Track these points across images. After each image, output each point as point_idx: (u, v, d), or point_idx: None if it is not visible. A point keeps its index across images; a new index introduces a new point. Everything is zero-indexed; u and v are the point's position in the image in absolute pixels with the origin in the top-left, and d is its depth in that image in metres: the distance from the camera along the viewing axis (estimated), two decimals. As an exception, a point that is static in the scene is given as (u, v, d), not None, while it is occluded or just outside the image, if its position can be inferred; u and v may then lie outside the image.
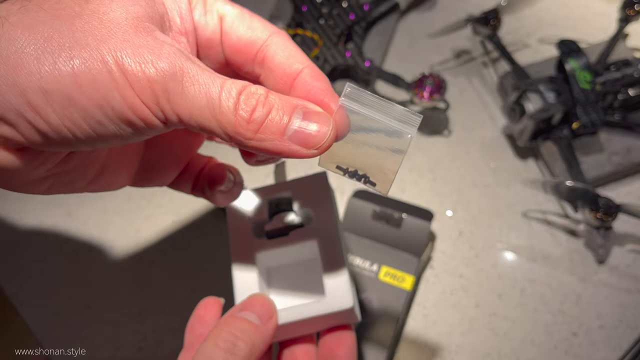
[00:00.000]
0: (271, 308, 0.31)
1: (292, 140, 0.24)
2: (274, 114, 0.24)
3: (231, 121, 0.23)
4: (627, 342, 0.44)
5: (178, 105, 0.23)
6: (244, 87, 0.24)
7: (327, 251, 0.34)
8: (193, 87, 0.23)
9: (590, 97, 0.47)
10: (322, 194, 0.36)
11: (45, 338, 0.45)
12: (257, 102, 0.24)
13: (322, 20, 0.56)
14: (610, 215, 0.44)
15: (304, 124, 0.24)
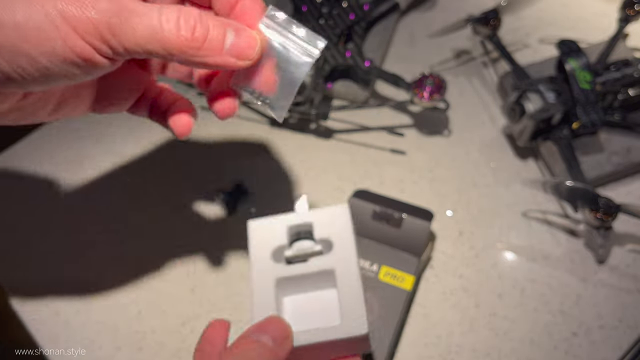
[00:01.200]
0: (286, 331, 0.32)
1: (228, 54, 0.29)
2: (212, 31, 0.28)
3: (175, 42, 0.27)
4: (627, 342, 0.44)
5: (124, 37, 0.26)
6: (180, 11, 0.27)
7: (345, 279, 0.35)
8: (135, 19, 0.26)
9: (590, 97, 0.47)
10: (342, 225, 0.37)
11: (45, 338, 0.45)
12: (195, 22, 0.27)
13: (322, 20, 0.56)
14: (610, 215, 0.44)
15: (237, 40, 0.29)
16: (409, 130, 0.55)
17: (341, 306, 0.34)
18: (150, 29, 0.26)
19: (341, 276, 0.35)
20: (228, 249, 0.49)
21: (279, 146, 0.54)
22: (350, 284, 0.35)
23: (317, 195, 0.51)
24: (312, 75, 0.50)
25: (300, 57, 0.31)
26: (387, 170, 0.52)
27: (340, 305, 0.34)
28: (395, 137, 0.54)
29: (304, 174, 0.52)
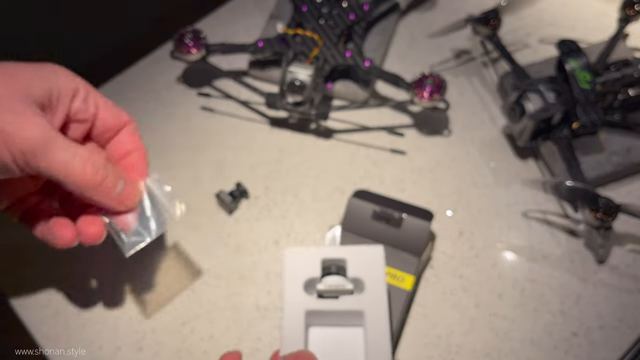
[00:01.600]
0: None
1: (116, 199, 0.37)
2: (109, 178, 0.36)
3: (78, 179, 0.35)
4: (627, 342, 0.44)
5: (42, 161, 0.33)
6: (91, 155, 0.35)
7: (373, 323, 0.36)
8: (56, 150, 0.33)
9: (590, 97, 0.47)
10: (375, 266, 0.38)
11: (45, 338, 0.45)
12: (99, 169, 0.35)
13: (322, 20, 0.56)
14: (610, 215, 0.44)
15: (125, 189, 0.37)
16: (409, 130, 0.55)
17: (367, 350, 0.35)
18: (64, 163, 0.34)
19: (370, 319, 0.36)
20: (228, 249, 0.49)
21: (279, 146, 0.54)
22: (378, 329, 0.35)
23: (317, 195, 0.51)
24: (312, 75, 0.50)
25: (162, 215, 0.40)
26: (387, 170, 0.52)
27: (366, 348, 0.35)
28: (395, 137, 0.54)
29: (304, 174, 0.52)
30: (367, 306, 0.36)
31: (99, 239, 0.39)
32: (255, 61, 0.58)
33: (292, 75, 0.50)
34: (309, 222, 0.50)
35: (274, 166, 0.53)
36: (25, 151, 0.33)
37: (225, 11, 0.64)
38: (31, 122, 0.33)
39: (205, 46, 0.54)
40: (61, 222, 0.39)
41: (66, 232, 0.39)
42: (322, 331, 0.37)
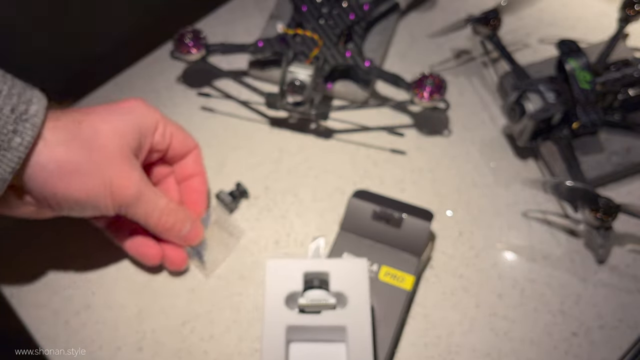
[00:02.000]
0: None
1: (181, 238, 0.45)
2: (178, 224, 0.44)
3: (153, 224, 0.43)
4: (627, 342, 0.44)
5: (131, 211, 0.42)
6: (166, 206, 0.43)
7: (355, 339, 0.35)
8: (143, 204, 0.42)
9: (590, 97, 0.47)
10: (359, 281, 0.37)
11: (45, 338, 0.45)
12: (174, 219, 0.44)
13: (322, 20, 0.56)
14: (610, 215, 0.44)
15: (190, 231, 0.45)
16: (409, 130, 0.55)
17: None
18: (146, 213, 0.42)
19: (352, 334, 0.35)
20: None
21: (279, 146, 0.54)
22: (360, 345, 0.34)
23: (317, 195, 0.51)
24: (312, 75, 0.50)
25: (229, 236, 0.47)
26: (387, 170, 0.52)
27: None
28: (395, 137, 0.54)
29: (304, 174, 0.52)
30: (349, 321, 0.36)
31: (182, 265, 0.46)
32: (255, 61, 0.58)
33: (292, 75, 0.50)
34: (309, 222, 0.50)
35: (274, 166, 0.53)
36: (123, 203, 0.41)
37: (225, 11, 0.64)
38: (132, 178, 0.41)
39: (205, 46, 0.54)
40: (147, 242, 0.45)
41: (152, 251, 0.45)
42: (303, 347, 0.36)
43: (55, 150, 0.38)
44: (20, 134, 0.36)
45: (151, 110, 0.44)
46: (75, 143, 0.39)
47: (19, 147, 0.36)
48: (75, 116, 0.40)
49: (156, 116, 0.44)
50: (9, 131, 0.35)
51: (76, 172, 0.38)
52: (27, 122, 0.36)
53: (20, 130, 0.36)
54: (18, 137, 0.36)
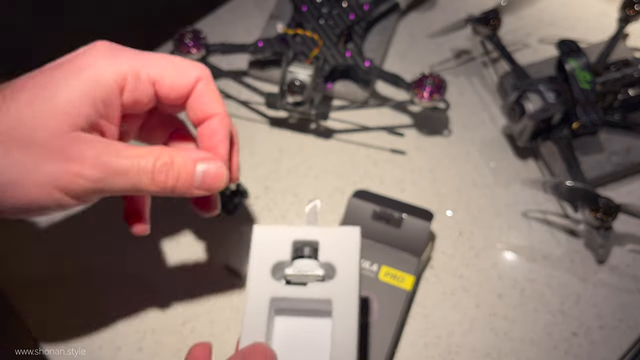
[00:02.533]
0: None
1: (198, 188, 0.35)
2: (182, 175, 0.34)
3: (152, 190, 0.33)
4: (627, 342, 0.44)
5: (108, 190, 0.32)
6: (154, 163, 0.33)
7: (341, 315, 0.33)
8: (118, 178, 0.32)
9: (590, 97, 0.47)
10: (350, 250, 0.35)
11: (45, 338, 0.45)
12: (166, 177, 0.33)
13: (322, 20, 0.56)
14: (610, 215, 0.44)
15: (206, 175, 0.34)
16: (409, 130, 0.55)
17: (333, 344, 0.32)
18: (130, 184, 0.33)
19: (338, 309, 0.33)
20: (228, 249, 0.49)
21: (279, 146, 0.54)
22: (345, 321, 0.32)
23: (317, 195, 0.51)
24: (312, 75, 0.50)
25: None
26: (387, 170, 0.52)
27: (332, 342, 0.32)
28: (395, 137, 0.54)
29: (304, 174, 0.52)
30: (336, 294, 0.33)
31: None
32: (255, 61, 0.58)
33: (292, 75, 0.50)
34: (309, 222, 0.50)
35: (274, 166, 0.53)
36: (86, 194, 0.32)
37: (225, 11, 0.64)
38: (84, 163, 0.31)
39: (205, 46, 0.54)
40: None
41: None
42: (288, 321, 0.34)
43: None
44: None
45: (112, 62, 0.34)
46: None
47: None
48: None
49: (119, 68, 0.34)
50: None
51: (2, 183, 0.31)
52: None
53: None
54: None
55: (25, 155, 0.30)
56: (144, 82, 0.35)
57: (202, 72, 0.36)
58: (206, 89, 0.36)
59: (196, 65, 0.36)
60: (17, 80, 0.33)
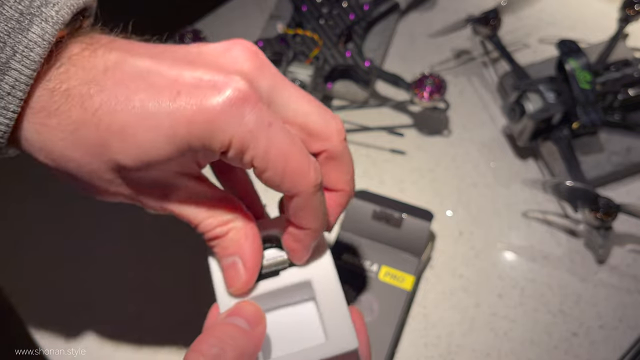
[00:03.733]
0: (259, 313, 0.30)
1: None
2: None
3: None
4: (627, 342, 0.44)
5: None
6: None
7: (324, 291, 0.31)
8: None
9: (590, 97, 0.47)
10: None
11: (45, 338, 0.45)
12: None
13: (322, 20, 0.56)
14: (610, 215, 0.44)
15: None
16: (409, 130, 0.55)
17: (324, 321, 0.31)
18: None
19: (319, 287, 0.32)
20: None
21: (279, 146, 0.54)
22: (330, 295, 0.31)
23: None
24: (312, 75, 0.50)
25: None
26: (387, 170, 0.52)
27: (323, 320, 0.31)
28: (395, 137, 0.54)
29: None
30: (312, 274, 0.32)
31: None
32: (255, 61, 0.58)
33: (292, 75, 0.50)
34: (309, 222, 0.50)
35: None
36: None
37: (225, 11, 0.64)
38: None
39: (205, 46, 0.54)
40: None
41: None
42: (273, 315, 0.33)
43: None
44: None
45: (237, 115, 0.25)
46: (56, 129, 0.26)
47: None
48: (89, 81, 0.26)
49: (240, 129, 0.25)
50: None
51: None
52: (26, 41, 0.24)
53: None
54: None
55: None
56: (259, 156, 0.27)
57: (341, 126, 0.29)
58: (345, 151, 0.29)
59: (335, 117, 0.29)
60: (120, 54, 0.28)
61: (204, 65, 0.27)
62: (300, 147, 0.27)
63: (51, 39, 0.25)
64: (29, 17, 0.24)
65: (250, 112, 0.25)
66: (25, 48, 0.24)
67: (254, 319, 0.30)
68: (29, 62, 0.24)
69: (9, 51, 0.24)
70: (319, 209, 0.29)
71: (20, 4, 0.24)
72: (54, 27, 0.25)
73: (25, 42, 0.24)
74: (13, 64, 0.24)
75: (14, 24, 0.24)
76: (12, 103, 0.25)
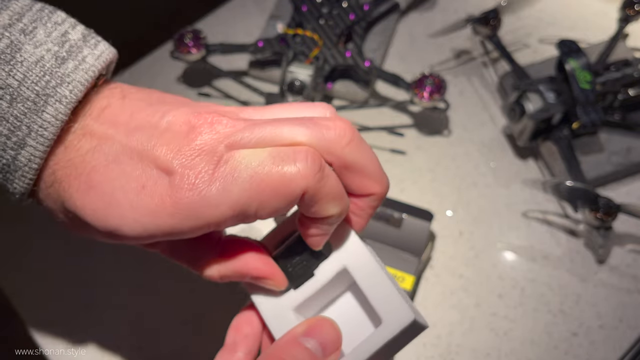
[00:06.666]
0: (338, 338, 0.28)
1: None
2: None
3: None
4: (627, 342, 0.44)
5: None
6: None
7: (362, 272, 0.30)
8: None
9: (590, 97, 0.47)
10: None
11: (46, 338, 0.45)
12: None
13: (322, 20, 0.56)
14: (610, 215, 0.44)
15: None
16: (409, 130, 0.55)
17: (372, 304, 0.28)
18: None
19: (357, 271, 0.30)
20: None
21: (279, 146, 0.54)
22: (370, 276, 0.29)
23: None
24: (312, 75, 0.50)
25: None
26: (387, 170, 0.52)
27: (370, 302, 0.29)
28: (395, 137, 0.54)
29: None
30: (346, 259, 0.30)
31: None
32: (255, 61, 0.58)
33: (292, 75, 0.50)
34: (309, 222, 0.50)
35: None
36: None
37: (225, 11, 0.64)
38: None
39: (205, 46, 0.54)
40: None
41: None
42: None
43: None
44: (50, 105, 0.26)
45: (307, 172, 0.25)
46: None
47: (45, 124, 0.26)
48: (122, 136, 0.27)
49: (303, 183, 0.25)
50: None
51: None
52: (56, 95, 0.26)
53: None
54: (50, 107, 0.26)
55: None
56: (318, 206, 0.27)
57: (341, 130, 0.28)
58: (354, 156, 0.28)
59: (328, 123, 0.28)
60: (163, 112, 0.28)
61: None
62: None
63: (64, 117, 0.26)
64: (44, 97, 0.26)
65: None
66: (39, 127, 0.26)
67: (330, 344, 0.27)
68: (43, 140, 0.26)
69: (24, 130, 0.26)
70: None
71: (37, 85, 0.26)
72: (67, 107, 0.26)
73: (40, 122, 0.26)
74: (29, 141, 0.26)
75: (30, 105, 0.26)
76: (29, 173, 0.26)
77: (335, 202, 0.27)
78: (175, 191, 0.25)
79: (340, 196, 0.27)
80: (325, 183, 0.26)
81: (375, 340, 0.28)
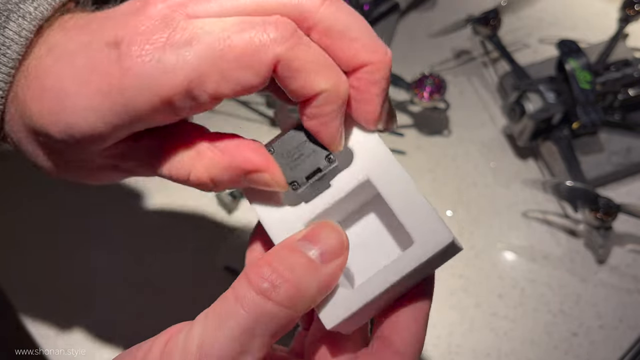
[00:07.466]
0: (341, 243, 0.24)
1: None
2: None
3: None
4: (627, 342, 0.44)
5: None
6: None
7: (389, 185, 0.25)
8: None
9: (590, 97, 0.47)
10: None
11: (45, 338, 0.45)
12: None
13: (322, 20, 0.55)
14: (610, 215, 0.44)
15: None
16: (409, 130, 0.55)
17: (402, 221, 0.24)
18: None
19: (383, 184, 0.25)
20: (228, 248, 0.49)
21: (279, 146, 0.54)
22: (399, 188, 0.25)
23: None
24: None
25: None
26: (387, 170, 0.52)
27: (400, 219, 0.24)
28: (395, 137, 0.54)
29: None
30: (368, 168, 0.26)
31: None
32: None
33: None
34: (309, 222, 0.50)
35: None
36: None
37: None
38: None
39: None
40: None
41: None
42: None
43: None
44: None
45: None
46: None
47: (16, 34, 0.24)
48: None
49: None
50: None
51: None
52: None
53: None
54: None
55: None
56: (289, 71, 0.24)
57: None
58: (332, 15, 0.24)
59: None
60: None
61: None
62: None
63: (29, 35, 0.24)
64: (5, 13, 0.24)
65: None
66: (2, 46, 0.24)
67: (331, 252, 0.23)
68: (6, 60, 0.24)
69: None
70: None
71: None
72: (32, 24, 0.24)
73: (2, 40, 0.24)
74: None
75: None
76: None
77: (322, 72, 0.23)
78: (124, 60, 0.22)
79: (326, 65, 0.23)
80: (302, 49, 0.23)
81: (407, 261, 0.23)
